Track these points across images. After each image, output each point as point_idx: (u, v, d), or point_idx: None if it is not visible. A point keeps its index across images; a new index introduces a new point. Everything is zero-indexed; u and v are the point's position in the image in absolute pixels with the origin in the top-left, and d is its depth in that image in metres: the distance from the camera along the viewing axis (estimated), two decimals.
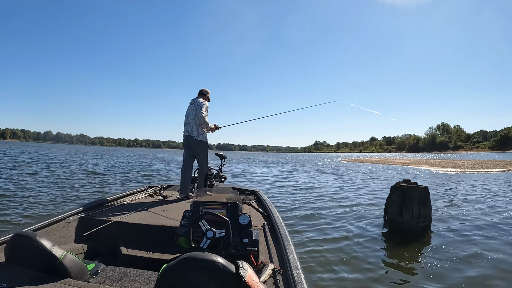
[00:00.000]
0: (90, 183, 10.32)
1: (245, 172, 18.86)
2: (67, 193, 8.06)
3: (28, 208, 6.01)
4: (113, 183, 10.96)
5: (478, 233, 4.91)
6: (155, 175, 14.74)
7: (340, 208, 6.86)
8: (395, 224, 5.05)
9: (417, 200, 4.83)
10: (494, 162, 29.75)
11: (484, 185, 11.72)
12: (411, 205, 4.81)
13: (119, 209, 2.96)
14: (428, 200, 5.00)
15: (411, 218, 4.80)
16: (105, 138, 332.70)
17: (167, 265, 1.17)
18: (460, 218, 5.92)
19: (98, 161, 23.57)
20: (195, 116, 4.03)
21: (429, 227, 5.04)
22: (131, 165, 20.87)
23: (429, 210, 5.01)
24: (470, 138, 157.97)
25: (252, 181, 13.24)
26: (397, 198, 5.00)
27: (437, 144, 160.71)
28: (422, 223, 4.88)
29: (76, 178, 11.70)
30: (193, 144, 4.11)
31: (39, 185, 9.13)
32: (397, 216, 4.98)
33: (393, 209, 5.05)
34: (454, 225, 5.38)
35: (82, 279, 1.42)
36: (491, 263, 3.66)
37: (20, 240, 1.40)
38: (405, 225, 4.86)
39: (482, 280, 3.21)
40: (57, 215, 2.49)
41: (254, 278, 1.16)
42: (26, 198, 7.01)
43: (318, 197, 8.57)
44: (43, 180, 10.44)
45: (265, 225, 2.52)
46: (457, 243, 4.41)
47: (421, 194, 4.88)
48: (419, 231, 4.82)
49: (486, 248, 4.16)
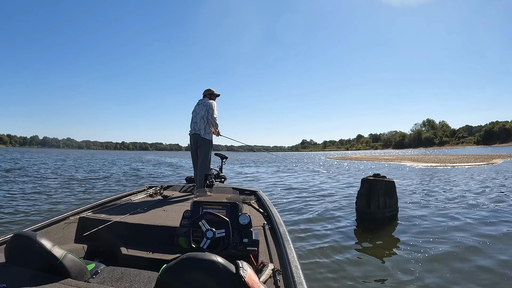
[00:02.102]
0: (87, 186, 10.33)
1: (241, 173, 18.88)
2: (67, 193, 8.06)
3: (28, 208, 6.01)
4: (111, 185, 10.98)
5: (438, 219, 5.43)
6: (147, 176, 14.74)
7: (326, 204, 7.05)
8: (363, 215, 5.42)
9: (382, 192, 5.21)
10: (475, 156, 30.58)
11: (455, 178, 12.28)
12: (377, 197, 5.19)
13: (119, 209, 2.96)
14: (394, 192, 5.40)
15: (377, 208, 5.19)
16: (92, 142, 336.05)
17: (167, 265, 1.17)
18: (426, 208, 6.36)
19: (92, 165, 23.48)
20: (204, 115, 4.14)
21: (396, 217, 5.43)
22: (124, 169, 20.88)
23: (395, 201, 5.44)
24: (456, 133, 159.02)
25: (245, 181, 13.27)
26: (365, 191, 5.35)
27: (422, 140, 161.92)
28: (388, 213, 5.28)
29: (71, 182, 11.72)
30: (200, 141, 4.18)
31: (32, 190, 9.13)
32: (365, 207, 5.33)
33: (361, 201, 5.41)
34: (419, 214, 5.78)
35: (82, 279, 1.42)
36: (448, 245, 4.10)
37: (20, 240, 1.40)
38: (371, 216, 5.23)
39: (437, 261, 3.57)
40: (57, 215, 2.49)
41: (254, 278, 1.16)
42: (27, 198, 7.01)
43: (306, 195, 8.58)
44: (33, 184, 10.46)
45: (265, 225, 2.52)
46: (420, 230, 4.79)
47: (387, 187, 5.27)
48: (385, 220, 5.21)
49: (445, 233, 4.58)
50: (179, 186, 4.70)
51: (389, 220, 5.23)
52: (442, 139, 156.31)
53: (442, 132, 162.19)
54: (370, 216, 5.24)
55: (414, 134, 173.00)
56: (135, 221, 2.53)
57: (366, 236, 4.65)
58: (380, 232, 4.83)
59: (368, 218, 5.27)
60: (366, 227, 5.11)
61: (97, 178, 13.18)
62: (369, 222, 5.23)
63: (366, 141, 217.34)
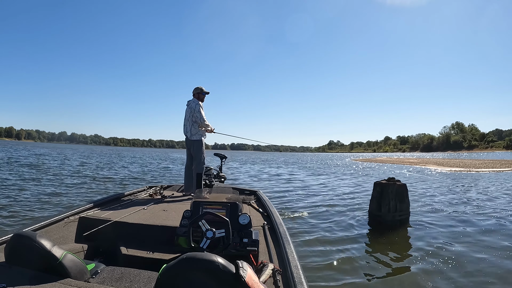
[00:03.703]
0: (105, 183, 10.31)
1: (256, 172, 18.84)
2: (68, 192, 8.07)
3: (28, 208, 6.01)
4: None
5: (449, 224, 5.41)
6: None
7: (338, 207, 6.97)
8: (374, 218, 5.42)
9: (393, 196, 5.21)
10: (502, 162, 29.53)
11: (477, 183, 11.90)
12: (388, 200, 5.20)
13: (119, 209, 2.96)
14: (406, 196, 5.37)
15: (387, 211, 5.20)
16: (119, 139, 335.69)
17: (167, 265, 1.17)
18: (439, 213, 6.26)
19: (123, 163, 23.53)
20: (190, 118, 4.29)
21: (407, 221, 5.37)
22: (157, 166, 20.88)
23: (407, 205, 5.39)
24: (485, 137, 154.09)
25: (252, 181, 13.25)
26: (376, 194, 5.38)
27: (451, 144, 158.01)
28: (398, 216, 5.23)
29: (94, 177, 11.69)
30: (189, 144, 4.34)
31: (42, 186, 9.13)
32: (376, 210, 5.35)
33: (373, 204, 5.44)
34: (432, 219, 5.71)
35: (82, 279, 1.42)
36: (453, 251, 4.03)
37: (20, 240, 1.40)
38: (382, 218, 5.23)
39: (437, 267, 3.52)
40: (57, 215, 2.49)
41: (254, 278, 1.16)
42: (27, 198, 7.01)
43: (316, 195, 8.59)
44: (49, 180, 10.45)
45: (265, 225, 2.52)
46: (429, 235, 4.73)
47: (398, 190, 5.25)
48: (396, 224, 5.19)
49: (453, 240, 4.48)
50: (179, 186, 4.71)
51: (400, 224, 5.21)
52: (471, 142, 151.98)
53: (471, 135, 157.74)
54: (381, 219, 5.25)
55: (442, 137, 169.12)
56: (135, 221, 2.53)
57: (372, 238, 4.63)
58: (387, 235, 4.79)
59: (378, 221, 5.28)
60: (375, 229, 5.11)
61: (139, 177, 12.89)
62: (379, 225, 5.22)
63: (393, 143, 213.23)
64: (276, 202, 7.46)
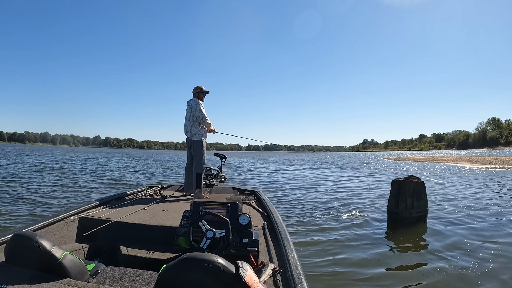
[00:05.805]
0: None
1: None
2: (73, 194, 8.08)
3: (29, 208, 6.02)
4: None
5: (468, 221, 5.31)
6: None
7: (355, 205, 7.01)
8: (391, 215, 5.51)
9: (410, 193, 5.28)
10: None
11: (506, 181, 11.52)
12: (405, 197, 5.28)
13: (119, 209, 2.96)
14: (423, 193, 5.42)
15: (404, 208, 5.27)
16: (153, 142, 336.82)
17: (167, 265, 1.17)
18: (459, 211, 6.17)
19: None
20: (190, 118, 4.30)
21: (425, 218, 5.40)
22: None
23: (424, 202, 5.45)
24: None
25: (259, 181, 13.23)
26: (394, 191, 5.47)
27: (487, 140, 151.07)
28: (415, 213, 5.30)
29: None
30: (189, 143, 4.36)
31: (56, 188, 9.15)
32: (393, 207, 5.44)
33: (391, 201, 5.53)
34: (450, 217, 5.66)
35: (82, 279, 1.42)
36: (468, 250, 3.93)
37: (20, 240, 1.40)
38: (399, 215, 5.32)
39: (448, 265, 3.45)
40: (57, 215, 2.49)
41: (254, 278, 1.16)
42: (29, 198, 7.01)
43: (342, 193, 8.68)
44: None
45: (265, 225, 2.52)
46: (445, 233, 4.68)
47: (415, 188, 5.31)
48: (412, 221, 5.23)
49: (469, 239, 4.38)
50: (178, 186, 4.71)
51: (416, 221, 5.25)
52: (508, 138, 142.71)
53: (508, 131, 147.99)
54: (398, 216, 5.32)
55: (478, 134, 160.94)
56: (135, 221, 2.53)
57: (383, 236, 4.60)
58: (402, 232, 4.79)
59: (396, 218, 5.36)
60: (390, 227, 5.13)
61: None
62: (396, 222, 5.28)
63: (429, 141, 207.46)
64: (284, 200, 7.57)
